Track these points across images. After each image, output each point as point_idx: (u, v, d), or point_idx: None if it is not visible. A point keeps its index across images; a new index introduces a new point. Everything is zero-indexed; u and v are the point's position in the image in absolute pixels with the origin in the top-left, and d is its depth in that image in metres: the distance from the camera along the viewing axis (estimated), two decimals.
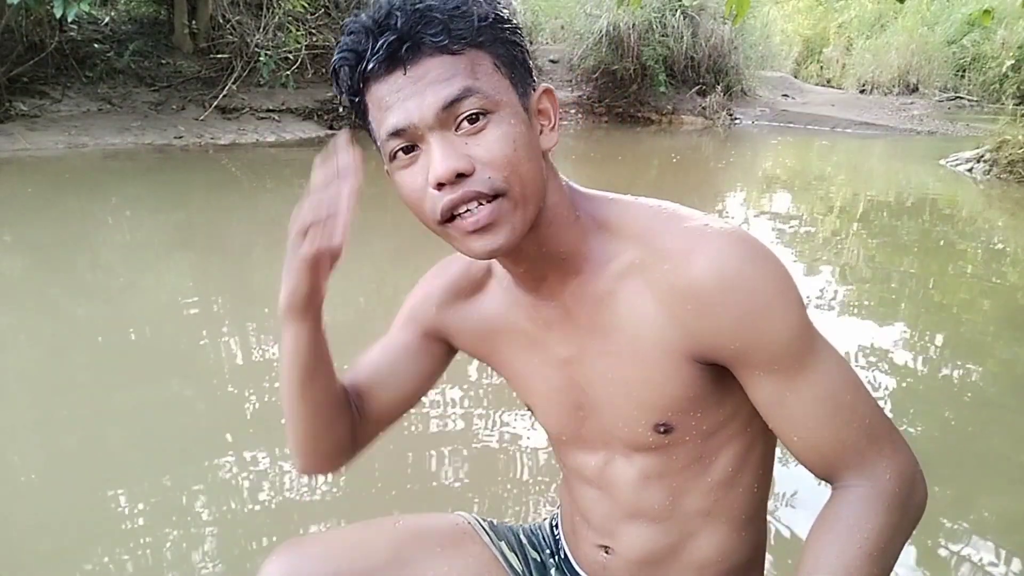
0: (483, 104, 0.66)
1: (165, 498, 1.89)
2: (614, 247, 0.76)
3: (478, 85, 0.66)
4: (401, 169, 0.70)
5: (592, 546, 0.91)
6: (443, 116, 0.66)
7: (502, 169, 0.67)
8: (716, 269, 0.69)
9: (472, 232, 0.68)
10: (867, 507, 0.72)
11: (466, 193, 0.66)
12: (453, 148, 0.66)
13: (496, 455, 2.13)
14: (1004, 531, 1.81)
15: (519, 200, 0.68)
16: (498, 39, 0.69)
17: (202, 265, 4.10)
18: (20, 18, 7.59)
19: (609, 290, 0.76)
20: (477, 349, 0.90)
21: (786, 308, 0.70)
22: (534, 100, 0.72)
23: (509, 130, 0.67)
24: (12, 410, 2.41)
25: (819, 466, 0.76)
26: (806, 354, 0.72)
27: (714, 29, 11.78)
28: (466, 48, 0.67)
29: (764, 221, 5.44)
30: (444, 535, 0.95)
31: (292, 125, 8.96)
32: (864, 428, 0.73)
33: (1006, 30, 13.46)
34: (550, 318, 0.80)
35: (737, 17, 2.93)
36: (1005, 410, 2.50)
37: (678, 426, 0.78)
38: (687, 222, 0.73)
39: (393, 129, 0.67)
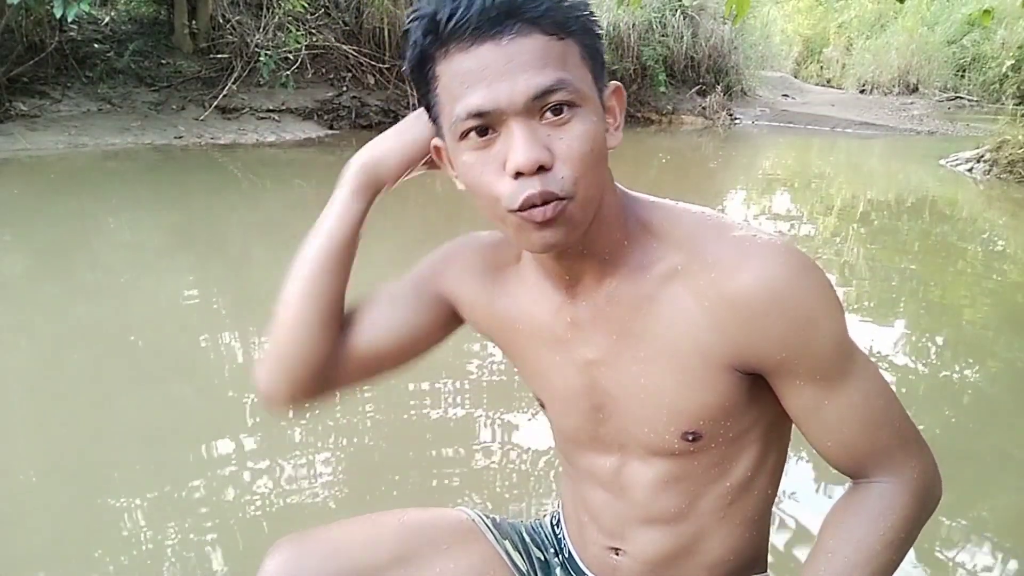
0: (572, 97, 0.64)
1: (165, 497, 1.89)
2: (657, 251, 0.74)
3: (569, 77, 0.64)
4: (472, 150, 0.66)
5: (601, 548, 0.90)
6: (532, 104, 0.63)
7: (577, 168, 0.65)
8: (766, 280, 0.69)
9: (539, 224, 0.65)
10: (893, 500, 0.76)
11: (544, 193, 0.64)
12: (536, 138, 0.64)
13: (497, 451, 2.13)
14: (1004, 530, 1.81)
15: (583, 202, 0.67)
16: (587, 29, 0.67)
17: (202, 265, 4.10)
18: (20, 18, 7.59)
19: (649, 295, 0.74)
20: (492, 334, 0.88)
21: (832, 319, 0.72)
22: (606, 96, 0.71)
23: (590, 127, 0.66)
24: (12, 410, 2.41)
25: (849, 466, 0.78)
26: (847, 363, 0.73)
27: (714, 29, 11.78)
28: (562, 33, 0.64)
29: (764, 221, 5.44)
30: (449, 532, 0.93)
31: (292, 125, 8.96)
32: (895, 431, 0.76)
33: (1006, 30, 13.46)
34: (579, 318, 0.78)
35: (737, 17, 2.93)
36: (1005, 410, 2.50)
37: (706, 434, 0.77)
38: (734, 231, 0.73)
39: (477, 110, 0.63)
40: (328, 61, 9.82)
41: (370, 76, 9.91)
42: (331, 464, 2.08)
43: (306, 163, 7.63)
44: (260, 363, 0.87)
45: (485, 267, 0.86)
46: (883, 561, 0.74)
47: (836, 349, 0.72)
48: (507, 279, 0.85)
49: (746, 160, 9.18)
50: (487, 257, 0.86)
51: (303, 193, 6.21)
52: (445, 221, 5.15)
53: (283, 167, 7.35)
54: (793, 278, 0.70)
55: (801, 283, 0.70)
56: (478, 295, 0.86)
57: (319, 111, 9.32)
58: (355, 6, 9.75)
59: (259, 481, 1.97)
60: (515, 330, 0.84)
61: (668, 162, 8.66)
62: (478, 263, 0.86)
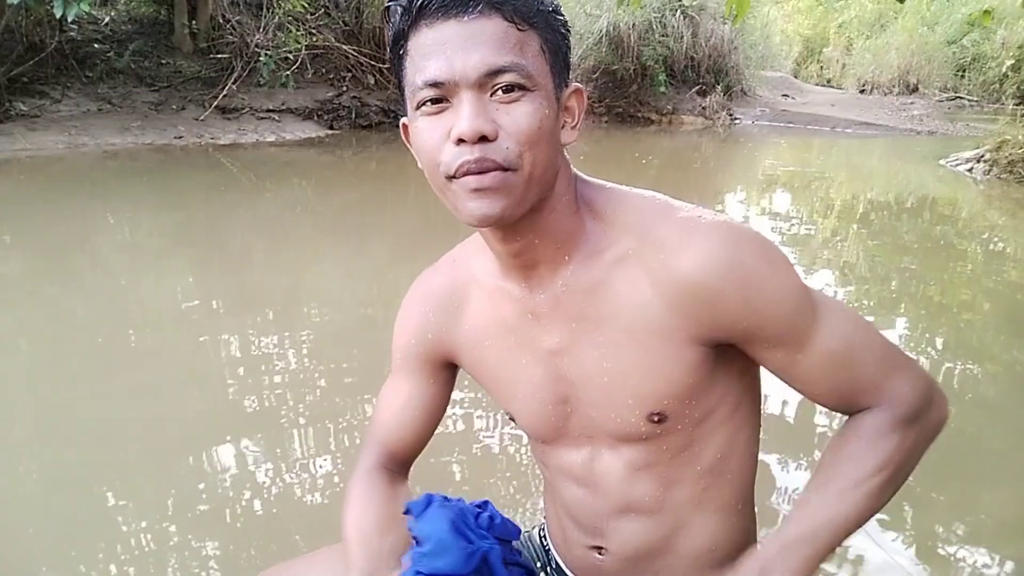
0: (523, 81, 0.68)
1: (164, 498, 1.88)
2: (609, 237, 0.77)
3: (524, 63, 0.68)
4: (425, 117, 0.70)
5: (584, 548, 0.90)
6: (483, 80, 0.67)
7: (522, 144, 0.68)
8: (710, 256, 0.72)
9: (474, 191, 0.68)
10: (885, 426, 0.76)
11: (482, 159, 0.67)
12: (484, 111, 0.67)
13: (484, 463, 2.13)
14: (1004, 531, 1.81)
15: (527, 178, 0.69)
16: (551, 26, 0.71)
17: (202, 265, 4.09)
18: (20, 18, 7.59)
19: (603, 279, 0.76)
20: (461, 356, 0.90)
21: (783, 280, 0.74)
22: (565, 95, 0.74)
23: (538, 109, 0.68)
24: (11, 410, 2.41)
25: (840, 405, 0.80)
26: (811, 315, 0.75)
27: (714, 29, 11.78)
28: (522, 23, 0.68)
29: (764, 221, 5.44)
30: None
31: (292, 125, 8.95)
32: (878, 361, 0.77)
33: (1006, 30, 13.46)
34: (539, 310, 0.80)
35: (737, 17, 2.93)
36: (1005, 410, 2.50)
37: (672, 415, 0.79)
38: (680, 213, 0.76)
39: (432, 79, 0.67)
40: (328, 61, 9.82)
41: (370, 76, 9.91)
42: (329, 466, 2.08)
43: (306, 163, 7.62)
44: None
45: (450, 307, 0.88)
46: (878, 483, 0.75)
47: (794, 306, 0.74)
48: (470, 301, 0.87)
49: (746, 160, 9.18)
50: (447, 296, 0.88)
51: (303, 193, 6.21)
52: (445, 221, 5.15)
53: (283, 167, 7.35)
54: (736, 250, 0.72)
55: (744, 253, 0.73)
56: (449, 325, 0.88)
57: (319, 111, 9.32)
58: (355, 6, 9.74)
59: (258, 482, 1.97)
60: (483, 345, 0.86)
61: (668, 162, 8.66)
62: (443, 308, 0.89)
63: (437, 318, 0.88)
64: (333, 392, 2.49)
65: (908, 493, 1.97)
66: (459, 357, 0.90)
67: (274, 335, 2.96)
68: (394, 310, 0.94)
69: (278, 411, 2.36)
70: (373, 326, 3.10)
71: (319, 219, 5.27)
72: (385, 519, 0.84)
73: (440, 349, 0.90)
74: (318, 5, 9.56)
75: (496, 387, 0.89)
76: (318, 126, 9.20)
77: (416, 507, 0.80)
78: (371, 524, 0.83)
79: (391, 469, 0.92)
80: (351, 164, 7.86)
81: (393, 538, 0.82)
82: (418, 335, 0.90)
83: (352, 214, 5.50)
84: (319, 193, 6.23)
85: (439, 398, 0.93)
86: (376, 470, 0.91)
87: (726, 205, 6.08)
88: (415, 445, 0.94)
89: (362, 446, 0.95)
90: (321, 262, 4.12)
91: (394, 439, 0.93)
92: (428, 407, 0.92)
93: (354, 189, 6.50)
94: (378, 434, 0.94)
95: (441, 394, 0.93)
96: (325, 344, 2.88)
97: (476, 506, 0.84)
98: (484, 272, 0.85)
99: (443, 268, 0.90)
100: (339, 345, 2.90)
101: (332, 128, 9.26)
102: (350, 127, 9.41)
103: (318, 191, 6.30)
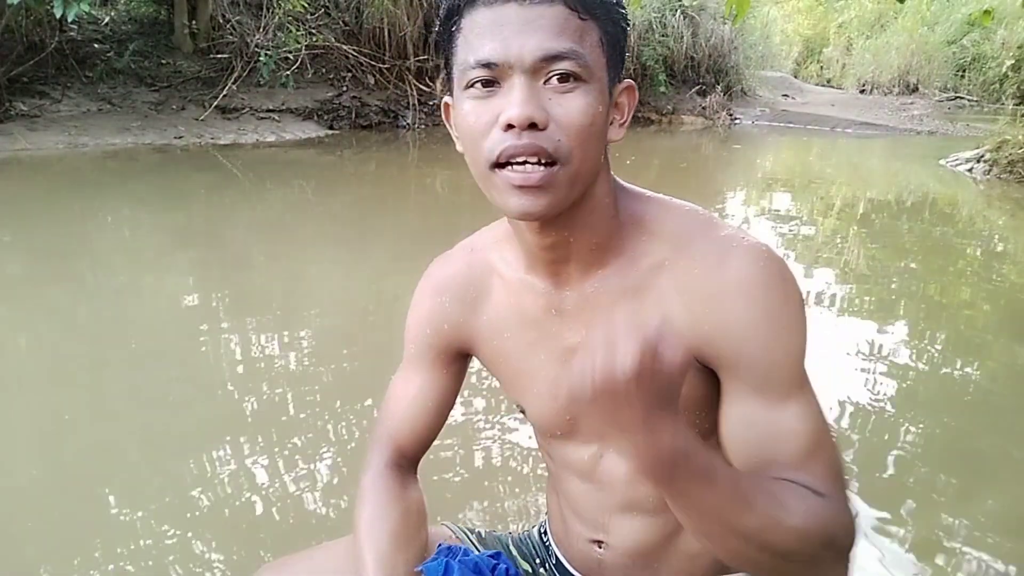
0: (579, 70, 0.65)
1: (163, 498, 1.88)
2: (647, 245, 0.76)
3: (582, 51, 0.66)
4: (473, 99, 0.68)
5: (585, 542, 0.91)
6: (539, 65, 0.65)
7: (572, 137, 0.66)
8: (742, 278, 0.71)
9: (518, 187, 0.66)
10: (814, 500, 0.67)
11: (531, 145, 0.65)
12: (536, 97, 0.65)
13: (484, 460, 2.13)
14: (1004, 531, 1.81)
15: (574, 174, 0.67)
16: (611, 18, 0.69)
17: (202, 265, 4.09)
18: (20, 18, 7.59)
19: (636, 286, 0.76)
20: (477, 347, 0.89)
21: (793, 335, 0.72)
22: (617, 90, 0.72)
23: (592, 103, 0.66)
24: (11, 410, 2.41)
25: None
26: (795, 385, 0.72)
27: (714, 29, 11.79)
28: (584, 12, 0.66)
29: (764, 221, 5.44)
30: (428, 549, 0.92)
31: (292, 125, 8.96)
32: (828, 468, 0.70)
33: (1006, 30, 13.47)
34: (564, 307, 0.79)
35: (737, 17, 2.93)
36: (1005, 410, 2.50)
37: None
38: (723, 230, 0.75)
39: (486, 60, 0.65)
40: (328, 61, 9.82)
41: (370, 76, 9.91)
42: (329, 467, 2.08)
43: (306, 163, 7.62)
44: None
45: (467, 298, 0.86)
46: (792, 529, 0.64)
47: (790, 365, 0.71)
48: (489, 288, 0.85)
49: (746, 160, 9.18)
50: (464, 286, 0.86)
51: (303, 193, 6.21)
52: (445, 221, 5.15)
53: (283, 167, 7.35)
54: (768, 283, 0.71)
55: (774, 290, 0.71)
56: (467, 315, 0.87)
57: (319, 111, 9.32)
58: (355, 6, 9.74)
59: (258, 483, 1.97)
60: (502, 337, 0.85)
61: (668, 162, 8.66)
62: (455, 287, 0.87)
63: (454, 308, 0.87)
64: (333, 392, 2.49)
65: (908, 493, 1.97)
66: (476, 348, 0.89)
67: (274, 335, 2.96)
68: (394, 310, 0.94)
69: (278, 411, 2.36)
70: (373, 326, 3.10)
71: (319, 219, 5.27)
72: (400, 533, 0.82)
73: (456, 339, 0.88)
74: (318, 5, 9.56)
75: (511, 380, 0.88)
76: (318, 126, 9.20)
77: (432, 572, 0.79)
78: (387, 540, 0.81)
79: (402, 467, 0.91)
80: (351, 164, 7.86)
81: (409, 555, 0.81)
82: (433, 324, 0.88)
83: (352, 214, 5.50)
84: (319, 193, 6.23)
85: (451, 389, 0.92)
86: (388, 469, 0.89)
87: (726, 205, 6.08)
88: (426, 438, 0.93)
89: (372, 441, 0.94)
90: (321, 262, 4.12)
91: (405, 432, 0.91)
92: (440, 399, 0.91)
93: (354, 189, 6.50)
94: (389, 427, 0.92)
95: (453, 385, 0.92)
96: (325, 344, 2.88)
97: (491, 558, 0.83)
98: (505, 264, 0.83)
99: (459, 257, 0.88)
100: (339, 345, 2.90)
101: (332, 128, 9.26)
102: (350, 127, 9.41)
103: (318, 191, 6.30)
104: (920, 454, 2.18)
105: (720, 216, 0.77)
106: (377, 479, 0.88)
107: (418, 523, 0.86)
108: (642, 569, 0.88)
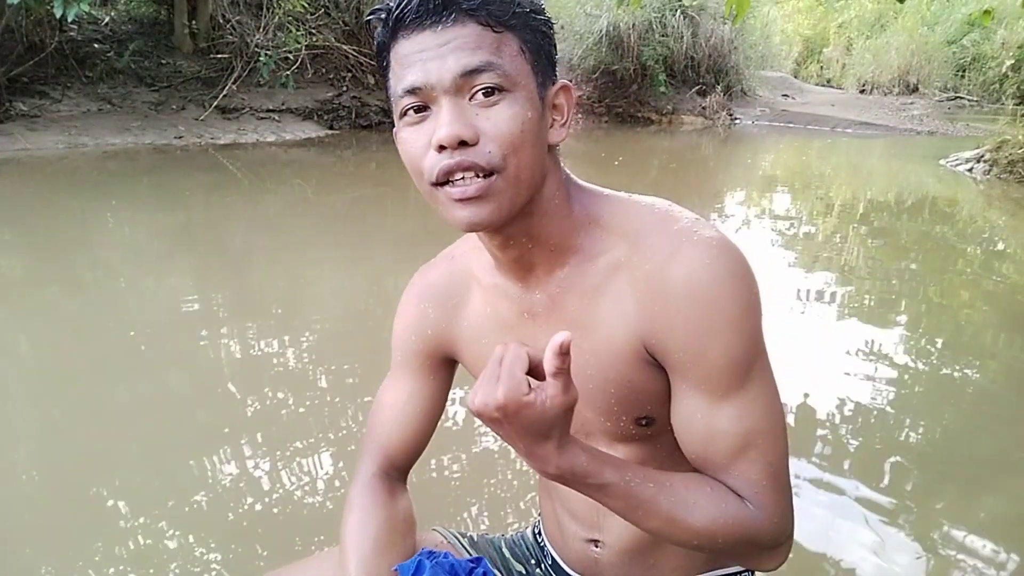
0: (501, 81, 0.67)
1: (164, 499, 1.88)
2: (605, 243, 0.76)
3: (500, 62, 0.67)
4: (408, 126, 0.70)
5: (581, 541, 0.91)
6: (460, 83, 0.66)
7: (504, 147, 0.67)
8: (688, 275, 0.70)
9: (459, 200, 0.68)
10: (737, 506, 0.71)
11: (462, 162, 0.67)
12: (462, 115, 0.67)
13: (475, 463, 2.12)
14: (1004, 530, 1.81)
15: (512, 181, 0.68)
16: (529, 26, 0.70)
17: (202, 265, 4.10)
18: (20, 18, 7.59)
19: (596, 285, 0.76)
20: (459, 352, 0.90)
21: (736, 335, 0.70)
22: (551, 93, 0.73)
23: (520, 111, 0.68)
24: (11, 410, 2.41)
25: (698, 467, 0.75)
26: (735, 387, 0.72)
27: (714, 29, 11.79)
28: (497, 25, 0.68)
29: (764, 221, 5.44)
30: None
31: (292, 125, 8.96)
32: (767, 472, 0.72)
33: (1006, 30, 13.48)
34: (535, 309, 0.80)
35: (737, 17, 2.93)
36: (1005, 410, 2.50)
37: (659, 418, 0.79)
38: (677, 224, 0.74)
39: (410, 86, 0.68)
40: (328, 61, 9.82)
41: (370, 76, 9.92)
42: (329, 468, 2.08)
43: (306, 163, 7.62)
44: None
45: (444, 293, 0.88)
46: (698, 526, 0.69)
47: (730, 365, 0.71)
48: (469, 294, 0.87)
49: (746, 160, 9.18)
50: (446, 292, 0.88)
51: (303, 193, 6.21)
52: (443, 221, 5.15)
53: (283, 167, 7.35)
54: (714, 280, 0.70)
55: (720, 288, 0.70)
56: (449, 321, 0.88)
57: (319, 111, 9.32)
58: (355, 6, 9.75)
59: (259, 484, 1.97)
60: (481, 343, 0.86)
61: (668, 162, 8.66)
62: (436, 294, 0.88)
63: (436, 314, 0.88)
64: (334, 393, 2.49)
65: (908, 492, 1.97)
66: (459, 354, 0.90)
67: (274, 335, 2.96)
68: (394, 310, 0.93)
69: (278, 411, 2.36)
70: (374, 326, 3.10)
71: (319, 219, 5.27)
72: (384, 539, 0.82)
73: (440, 346, 0.89)
74: (318, 5, 9.57)
75: None
76: (318, 126, 9.20)
77: (405, 570, 0.79)
78: (370, 546, 0.81)
79: (391, 476, 0.91)
80: (351, 164, 7.86)
81: (392, 560, 0.81)
82: (418, 331, 0.89)
83: (352, 214, 5.50)
84: (319, 193, 6.23)
85: (439, 396, 0.93)
86: (376, 478, 0.90)
87: (726, 205, 6.08)
88: (415, 446, 0.93)
89: (361, 450, 0.94)
90: (321, 262, 4.12)
91: (395, 440, 0.92)
92: (428, 406, 0.92)
93: (354, 189, 6.50)
94: (377, 436, 0.93)
95: (441, 392, 0.93)
96: (325, 344, 2.88)
97: (469, 562, 0.82)
98: (482, 270, 0.84)
99: (441, 265, 0.90)
100: (340, 346, 2.90)
101: (332, 128, 9.27)
102: (350, 127, 9.41)
103: (318, 191, 6.30)
104: (920, 454, 2.19)
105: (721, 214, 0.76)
106: (364, 488, 0.88)
107: (404, 530, 0.86)
108: (639, 566, 0.88)
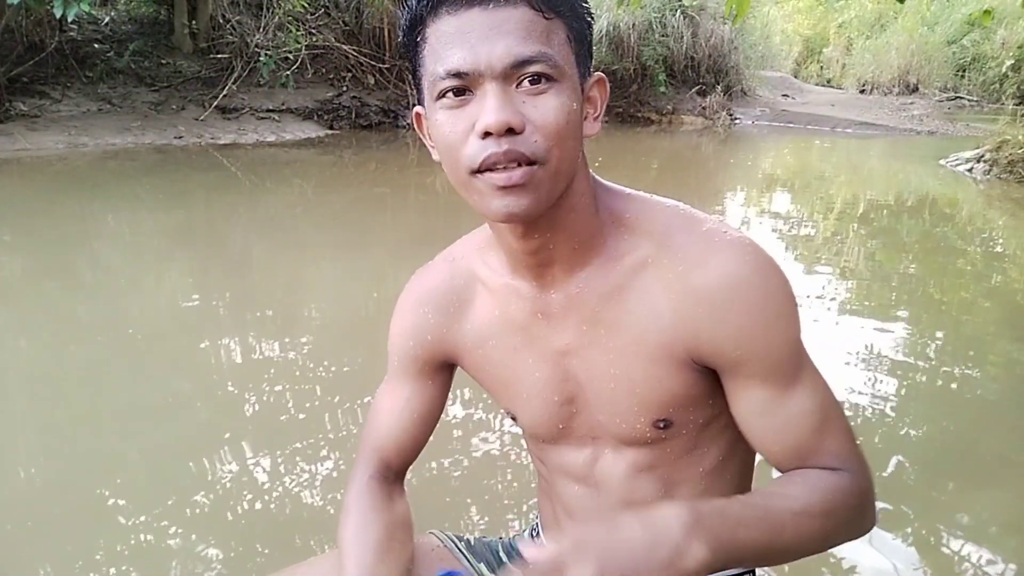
0: (550, 71, 0.65)
1: (164, 499, 1.88)
2: (629, 242, 0.76)
3: (551, 52, 0.65)
4: (445, 110, 0.67)
5: None
6: (509, 71, 0.64)
7: (549, 138, 0.65)
8: (729, 275, 0.71)
9: (501, 188, 0.66)
10: (839, 481, 0.73)
11: (511, 151, 0.64)
12: (510, 102, 0.65)
13: (474, 467, 2.12)
14: (1004, 531, 1.81)
15: (552, 173, 0.67)
16: (576, 14, 0.69)
17: (202, 265, 4.10)
18: (20, 18, 7.60)
19: (620, 284, 0.75)
20: (461, 357, 0.88)
21: (788, 322, 0.73)
22: (588, 84, 0.72)
23: (566, 102, 0.66)
24: (11, 410, 2.40)
25: (787, 465, 0.77)
26: (799, 367, 0.74)
27: (714, 29, 11.79)
28: (548, 12, 0.66)
29: (764, 221, 5.44)
30: (421, 559, 0.90)
31: (292, 125, 8.96)
32: (843, 440, 0.75)
33: (1006, 30, 13.48)
34: (550, 309, 0.79)
35: (737, 17, 2.93)
36: (1005, 410, 2.50)
37: (677, 421, 0.79)
38: (704, 225, 0.75)
39: (456, 69, 0.65)
40: (328, 61, 9.82)
41: (370, 76, 9.92)
42: (329, 468, 2.08)
43: (306, 163, 7.62)
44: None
45: (444, 297, 0.86)
46: (819, 526, 0.70)
47: (791, 351, 0.73)
48: (472, 296, 0.85)
49: (746, 160, 9.18)
50: (447, 297, 0.86)
51: (303, 193, 6.21)
52: (445, 221, 5.15)
53: (283, 167, 7.35)
54: (755, 276, 0.72)
55: (763, 282, 0.72)
56: (449, 326, 0.86)
57: (319, 111, 9.32)
58: (355, 6, 9.75)
59: (259, 484, 1.97)
60: (487, 345, 0.84)
61: (668, 162, 8.66)
62: (436, 298, 0.86)
63: (436, 319, 0.86)
64: (334, 392, 2.49)
65: (908, 493, 1.97)
66: (460, 358, 0.88)
67: (274, 336, 2.96)
68: (392, 309, 0.93)
69: (278, 411, 2.36)
70: (374, 327, 3.10)
71: (319, 219, 5.27)
72: (382, 544, 0.81)
73: (440, 351, 0.88)
74: (318, 5, 9.57)
75: (498, 387, 0.88)
76: (318, 126, 9.20)
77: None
78: (370, 552, 0.80)
79: (388, 479, 0.91)
80: (351, 164, 7.86)
81: (392, 566, 0.80)
82: (416, 337, 0.88)
83: (352, 214, 5.50)
84: (319, 193, 6.23)
85: (437, 401, 0.92)
86: (373, 481, 0.89)
87: (726, 205, 6.08)
88: (412, 449, 0.92)
89: (358, 454, 0.94)
90: (321, 262, 4.12)
91: (391, 444, 0.91)
92: (426, 410, 0.91)
93: (354, 189, 6.50)
94: (374, 440, 0.92)
95: (439, 397, 0.92)
96: (325, 345, 2.88)
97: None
98: (488, 270, 0.83)
99: (440, 267, 0.88)
100: (340, 346, 2.90)
101: (332, 128, 9.27)
102: (350, 127, 9.41)
103: (318, 191, 6.30)
104: (920, 454, 2.18)
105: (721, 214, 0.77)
106: (362, 492, 0.87)
107: (403, 535, 0.85)
108: None
